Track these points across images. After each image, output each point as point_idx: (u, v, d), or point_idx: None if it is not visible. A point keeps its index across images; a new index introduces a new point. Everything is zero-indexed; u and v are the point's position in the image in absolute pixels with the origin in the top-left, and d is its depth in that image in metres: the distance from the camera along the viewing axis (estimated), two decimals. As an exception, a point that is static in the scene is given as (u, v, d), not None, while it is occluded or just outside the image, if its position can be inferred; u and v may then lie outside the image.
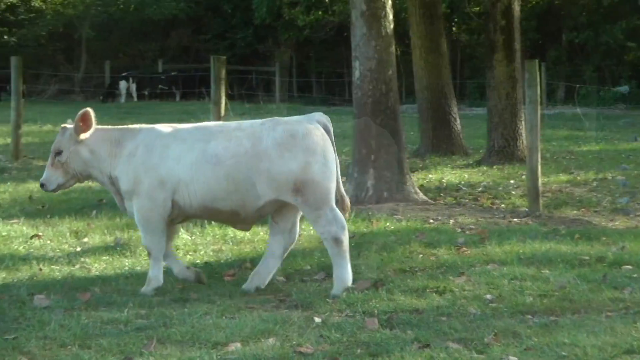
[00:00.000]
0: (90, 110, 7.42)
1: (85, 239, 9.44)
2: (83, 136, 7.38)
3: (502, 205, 12.13)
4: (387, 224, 10.22)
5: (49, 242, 9.32)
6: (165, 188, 7.21)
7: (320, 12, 36.72)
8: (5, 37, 44.60)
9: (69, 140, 7.40)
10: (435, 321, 6.45)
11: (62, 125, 7.53)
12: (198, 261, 8.48)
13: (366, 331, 6.23)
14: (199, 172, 7.18)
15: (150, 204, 7.25)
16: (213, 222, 9.88)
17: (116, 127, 7.63)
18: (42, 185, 7.55)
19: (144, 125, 7.61)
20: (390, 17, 12.26)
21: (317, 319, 6.51)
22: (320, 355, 5.76)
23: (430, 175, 14.70)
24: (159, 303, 6.96)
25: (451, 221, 10.58)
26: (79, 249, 9.03)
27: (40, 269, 8.11)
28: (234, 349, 5.86)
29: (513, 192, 13.02)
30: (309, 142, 7.18)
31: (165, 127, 7.48)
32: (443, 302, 6.95)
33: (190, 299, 7.10)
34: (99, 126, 7.51)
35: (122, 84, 38.28)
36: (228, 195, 7.19)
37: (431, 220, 10.59)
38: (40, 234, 9.61)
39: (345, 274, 7.27)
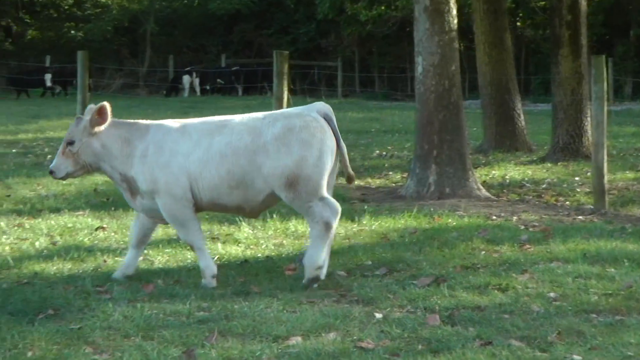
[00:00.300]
0: (107, 104, 7.49)
1: (149, 232, 9.50)
2: (97, 129, 7.44)
3: (567, 203, 11.99)
4: (449, 220, 10.16)
5: (113, 234, 9.42)
6: (180, 182, 7.29)
7: (383, 7, 36.62)
8: (72, 31, 45.29)
9: (83, 131, 7.46)
10: (498, 318, 6.39)
11: (77, 116, 7.62)
12: (259, 255, 8.50)
13: (427, 327, 6.19)
14: (205, 169, 7.27)
15: (172, 199, 7.32)
16: (275, 216, 9.92)
17: (127, 122, 7.68)
18: (51, 172, 7.63)
19: (152, 122, 7.66)
20: (454, 12, 12.18)
21: (378, 315, 6.49)
22: (381, 351, 5.74)
23: (493, 172, 14.58)
24: (221, 296, 6.99)
25: (514, 218, 10.48)
26: (142, 241, 9.10)
27: (105, 261, 8.21)
28: (295, 343, 5.87)
29: (578, 190, 12.86)
30: (306, 135, 7.23)
31: (172, 123, 7.55)
32: (506, 299, 6.89)
33: (252, 292, 7.12)
34: (114, 119, 7.58)
35: (186, 79, 38.56)
36: (231, 190, 7.28)
37: (494, 217, 10.51)
38: (104, 226, 9.72)
39: (319, 254, 7.27)
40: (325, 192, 7.31)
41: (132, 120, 7.72)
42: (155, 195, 7.36)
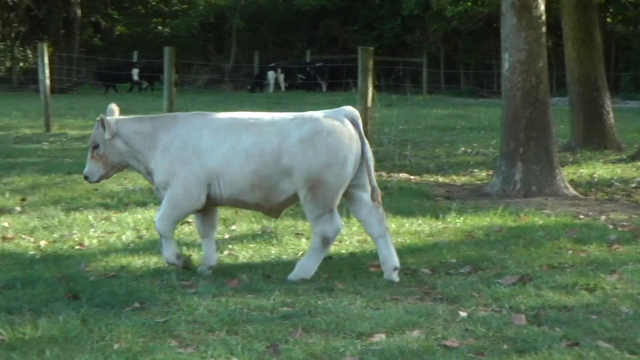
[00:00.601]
0: (104, 118, 7.61)
1: (234, 227, 9.58)
2: (107, 135, 7.56)
3: (657, 202, 11.74)
4: (536, 218, 10.03)
5: (198, 228, 9.49)
6: (200, 181, 7.37)
7: (469, 3, 36.31)
8: (160, 27, 45.89)
9: (103, 134, 7.61)
10: (585, 319, 6.28)
11: (98, 119, 7.70)
12: (343, 251, 8.49)
13: (513, 327, 6.11)
14: (229, 166, 7.31)
15: (183, 195, 7.40)
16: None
17: (147, 117, 7.82)
18: (85, 178, 7.79)
19: (179, 115, 7.77)
20: (542, 7, 12.02)
21: (463, 313, 6.43)
22: (465, 350, 5.68)
23: (581, 170, 14.36)
24: (304, 292, 6.99)
25: (602, 217, 10.30)
26: (227, 236, 9.17)
27: (190, 255, 8.26)
28: (379, 340, 5.84)
29: (669, 189, 12.60)
30: (332, 141, 7.22)
31: (198, 118, 7.60)
32: (593, 299, 6.77)
33: (336, 288, 7.11)
34: (126, 117, 7.74)
35: (270, 74, 38.78)
36: (253, 189, 7.32)
37: (581, 216, 10.34)
38: (190, 220, 9.78)
39: (311, 266, 7.36)
40: (336, 206, 7.35)
41: (159, 115, 7.85)
42: (168, 186, 7.45)
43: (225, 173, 7.32)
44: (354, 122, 7.38)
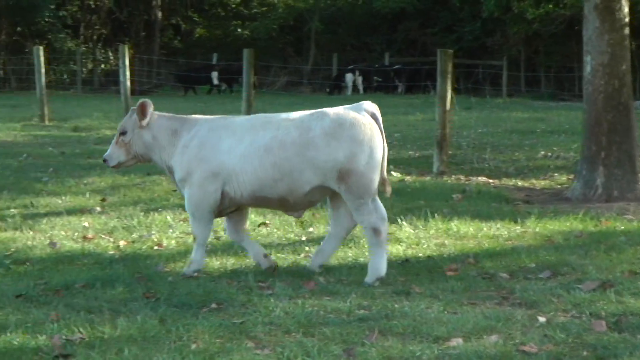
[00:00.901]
0: (147, 101, 7.77)
1: (311, 229, 9.59)
2: (144, 122, 7.71)
3: None
4: (617, 223, 9.86)
5: (275, 230, 9.54)
6: (216, 179, 7.45)
7: (550, 5, 35.88)
8: (239, 30, 46.28)
9: (134, 123, 7.78)
10: (669, 327, 6.16)
11: (132, 108, 7.87)
12: (420, 255, 8.45)
13: (593, 333, 6.01)
14: (248, 163, 7.37)
15: (200, 193, 7.50)
16: (436, 216, 9.85)
17: (177, 116, 7.92)
18: (104, 160, 7.98)
19: (201, 117, 7.85)
20: (626, 9, 11.81)
21: (541, 318, 6.34)
22: (544, 356, 5.60)
23: (664, 175, 14.06)
24: (381, 295, 6.98)
25: (686, 223, 10.08)
26: (304, 238, 9.19)
27: (266, 257, 8.30)
28: (456, 345, 5.79)
29: None
30: (356, 132, 7.26)
31: (218, 120, 7.74)
32: (677, 307, 6.63)
33: (413, 292, 7.08)
34: (163, 113, 7.87)
35: (349, 77, 38.81)
36: (275, 183, 7.35)
37: (665, 222, 10.14)
38: (267, 222, 9.85)
39: (380, 263, 7.39)
40: (376, 194, 7.39)
41: (186, 115, 7.95)
42: (186, 185, 7.57)
43: (244, 171, 7.39)
44: (374, 117, 7.44)
